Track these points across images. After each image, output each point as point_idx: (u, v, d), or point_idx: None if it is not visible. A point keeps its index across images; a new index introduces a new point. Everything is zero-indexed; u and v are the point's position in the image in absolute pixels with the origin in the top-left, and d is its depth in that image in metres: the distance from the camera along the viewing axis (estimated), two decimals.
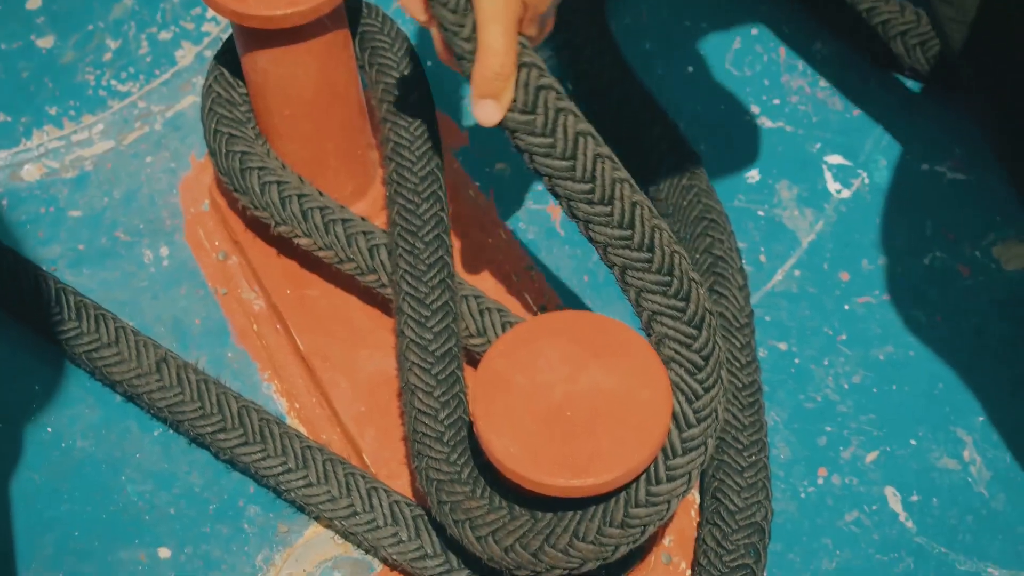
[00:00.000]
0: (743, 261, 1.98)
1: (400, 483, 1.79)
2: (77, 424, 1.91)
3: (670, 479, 1.51)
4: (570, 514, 1.54)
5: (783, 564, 1.81)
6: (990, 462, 1.87)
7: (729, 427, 1.79)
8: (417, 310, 1.74)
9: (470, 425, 1.66)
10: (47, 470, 1.88)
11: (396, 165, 1.83)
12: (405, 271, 1.76)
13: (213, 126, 1.83)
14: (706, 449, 1.51)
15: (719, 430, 1.53)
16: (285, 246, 1.91)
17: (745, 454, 1.77)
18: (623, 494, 1.53)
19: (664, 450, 1.50)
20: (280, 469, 1.77)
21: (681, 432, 1.50)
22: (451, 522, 1.60)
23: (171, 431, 1.89)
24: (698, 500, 1.81)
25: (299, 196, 1.79)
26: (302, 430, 1.89)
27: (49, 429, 1.91)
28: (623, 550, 1.56)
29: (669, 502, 1.53)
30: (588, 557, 1.54)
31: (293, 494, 1.77)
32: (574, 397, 1.49)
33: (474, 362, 1.80)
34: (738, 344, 1.85)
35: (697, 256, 1.93)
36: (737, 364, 1.83)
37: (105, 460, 1.89)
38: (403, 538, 1.72)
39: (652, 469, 1.52)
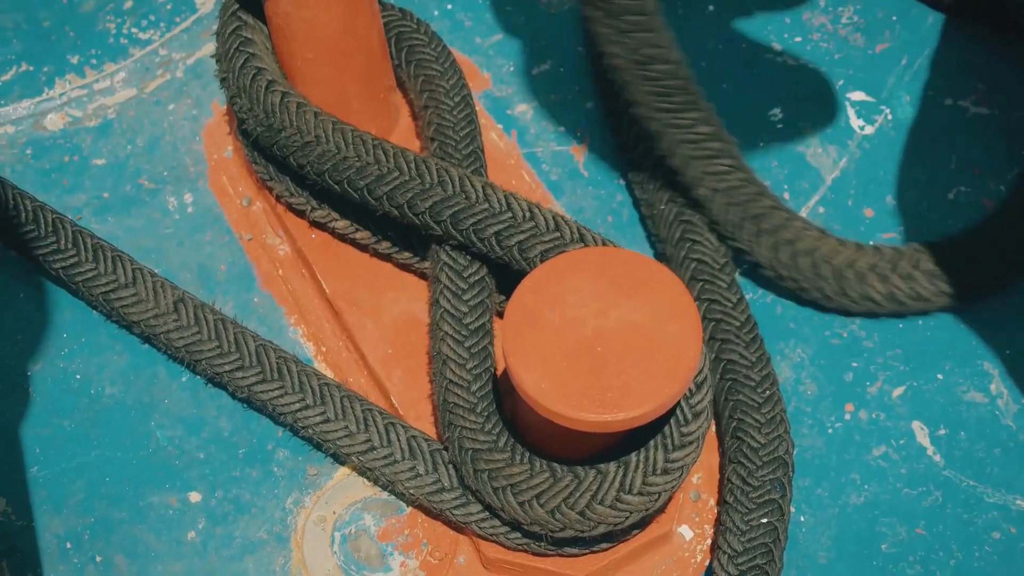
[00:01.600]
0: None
1: (427, 424, 1.79)
2: (105, 371, 1.92)
3: (696, 416, 1.52)
4: (613, 468, 1.54)
5: (811, 499, 1.81)
6: (1017, 395, 1.87)
7: (738, 366, 1.79)
8: (455, 282, 1.74)
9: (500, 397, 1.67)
10: (77, 417, 1.89)
11: (439, 144, 1.84)
12: (446, 246, 1.77)
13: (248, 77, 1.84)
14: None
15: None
16: None
17: (759, 390, 1.77)
18: (659, 438, 1.53)
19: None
20: (298, 406, 1.77)
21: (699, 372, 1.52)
22: (490, 489, 1.61)
23: (200, 377, 1.90)
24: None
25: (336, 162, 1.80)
26: (330, 374, 1.89)
27: (78, 376, 1.92)
28: (666, 496, 1.57)
29: (699, 439, 1.53)
30: (636, 509, 1.55)
31: (311, 431, 1.77)
32: (604, 332, 1.49)
33: None
34: (723, 285, 1.85)
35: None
36: (728, 304, 1.83)
37: (134, 406, 1.90)
38: (420, 472, 1.72)
39: (679, 410, 1.53)
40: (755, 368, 1.78)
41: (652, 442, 1.55)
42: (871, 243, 1.95)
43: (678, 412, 1.55)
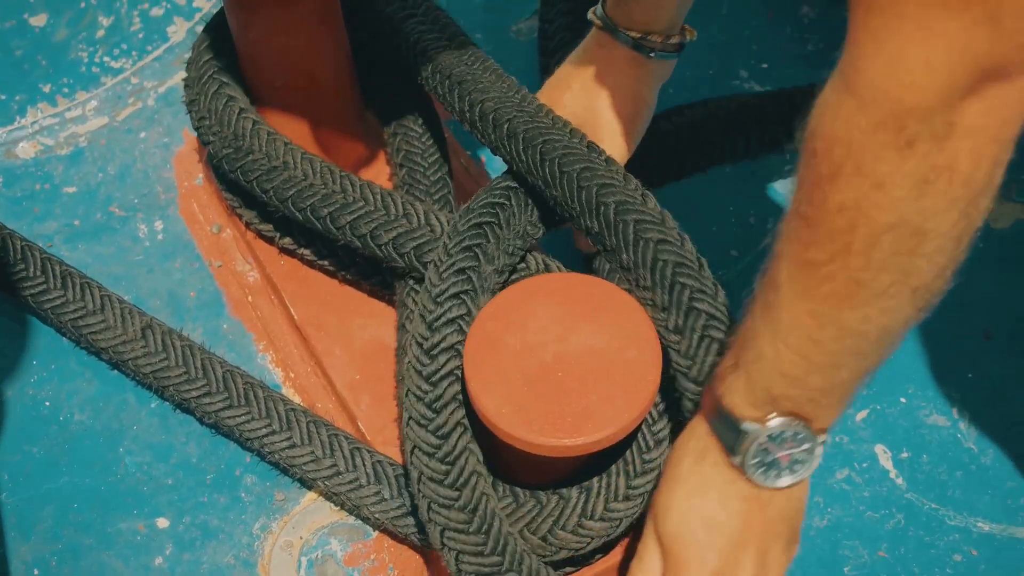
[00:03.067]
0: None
1: (394, 450, 1.80)
2: (75, 398, 1.93)
3: (658, 443, 1.54)
4: (575, 493, 1.55)
5: None
6: (979, 418, 1.88)
7: None
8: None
9: None
10: (45, 443, 1.90)
11: (408, 171, 1.86)
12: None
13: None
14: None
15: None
16: None
17: None
18: (621, 464, 1.54)
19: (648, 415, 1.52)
20: (265, 431, 1.78)
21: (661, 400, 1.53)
22: None
23: (168, 403, 1.91)
24: None
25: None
26: (297, 399, 1.90)
27: (47, 403, 1.93)
28: (628, 522, 1.58)
29: (661, 466, 1.54)
30: (599, 535, 1.56)
31: (277, 456, 1.78)
32: (565, 357, 1.50)
33: None
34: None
35: None
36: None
37: (103, 432, 1.90)
38: (385, 496, 1.73)
39: (640, 437, 1.54)
40: None
41: (614, 468, 1.56)
42: None
43: (640, 439, 1.56)
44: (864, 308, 1.21)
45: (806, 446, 1.34)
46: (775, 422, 1.32)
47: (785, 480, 1.36)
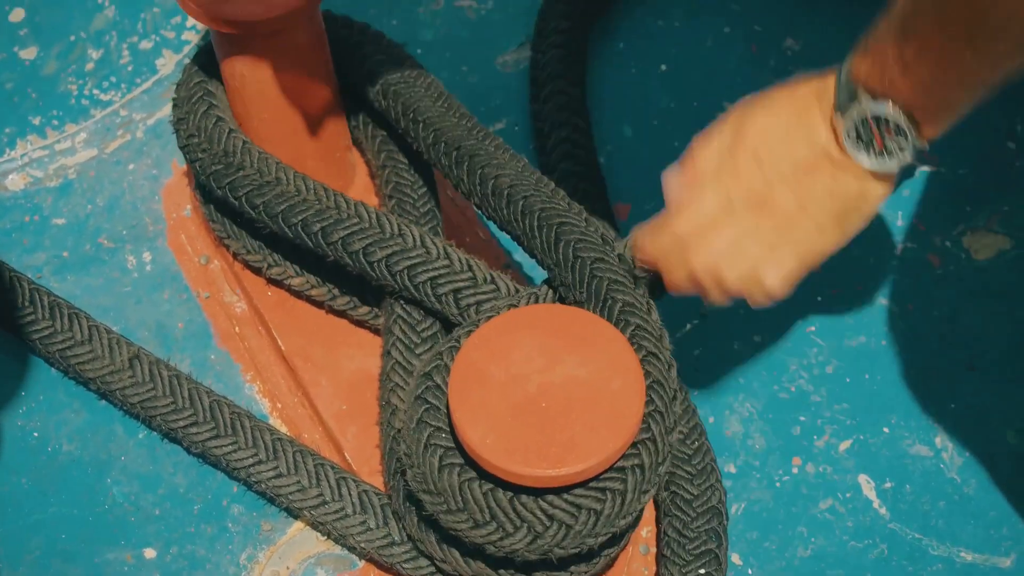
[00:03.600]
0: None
1: (381, 480, 1.81)
2: (63, 429, 1.94)
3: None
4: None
5: (759, 553, 1.83)
6: (962, 448, 1.90)
7: None
8: (408, 335, 1.76)
9: None
10: (34, 474, 1.90)
11: (397, 202, 1.87)
12: (400, 300, 1.79)
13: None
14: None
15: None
16: None
17: (688, 442, 1.79)
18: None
19: None
20: (251, 461, 1.79)
21: None
22: (433, 539, 1.64)
23: (156, 433, 1.92)
24: None
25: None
26: (284, 429, 1.91)
27: (36, 434, 1.93)
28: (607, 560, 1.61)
29: (639, 511, 1.57)
30: (579, 570, 1.62)
31: (264, 485, 1.79)
32: (549, 388, 1.51)
33: None
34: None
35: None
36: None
37: (91, 463, 1.91)
38: (371, 526, 1.74)
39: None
40: (683, 421, 1.80)
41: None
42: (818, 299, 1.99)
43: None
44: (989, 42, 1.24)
45: (903, 141, 1.38)
46: (888, 105, 1.36)
47: (866, 159, 1.41)
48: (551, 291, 1.65)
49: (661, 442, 1.52)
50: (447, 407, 1.54)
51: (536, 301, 1.64)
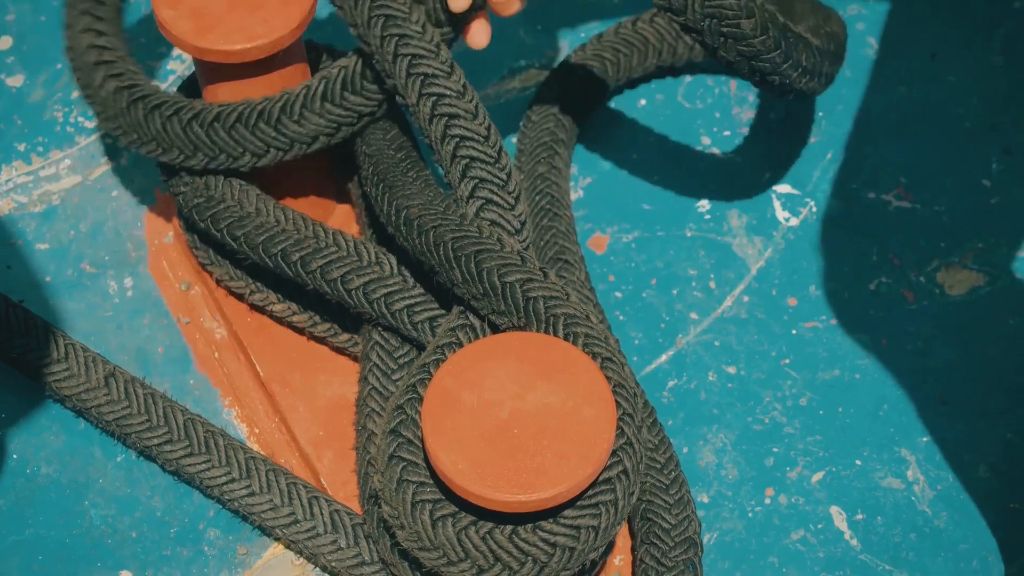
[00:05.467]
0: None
1: (357, 505, 1.82)
2: (42, 451, 1.95)
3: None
4: None
5: None
6: (933, 481, 1.91)
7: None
8: (385, 361, 1.78)
9: None
10: (12, 495, 1.91)
11: (377, 230, 1.89)
12: (378, 326, 1.81)
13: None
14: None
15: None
16: None
17: (665, 471, 1.81)
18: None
19: None
20: (224, 479, 1.81)
21: None
22: (407, 565, 1.65)
23: (134, 456, 1.93)
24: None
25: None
26: (261, 455, 1.93)
27: (15, 456, 1.94)
28: None
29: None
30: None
31: (237, 504, 1.81)
32: (521, 415, 1.53)
33: None
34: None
35: None
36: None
37: (69, 485, 1.92)
38: (342, 545, 1.76)
39: None
40: (659, 451, 1.82)
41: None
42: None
43: None
44: None
45: None
46: None
47: None
48: (480, 319, 1.67)
49: (632, 465, 1.54)
50: (421, 439, 1.56)
51: (473, 333, 1.66)
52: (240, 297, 1.97)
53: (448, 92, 1.71)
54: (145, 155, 1.84)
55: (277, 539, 1.84)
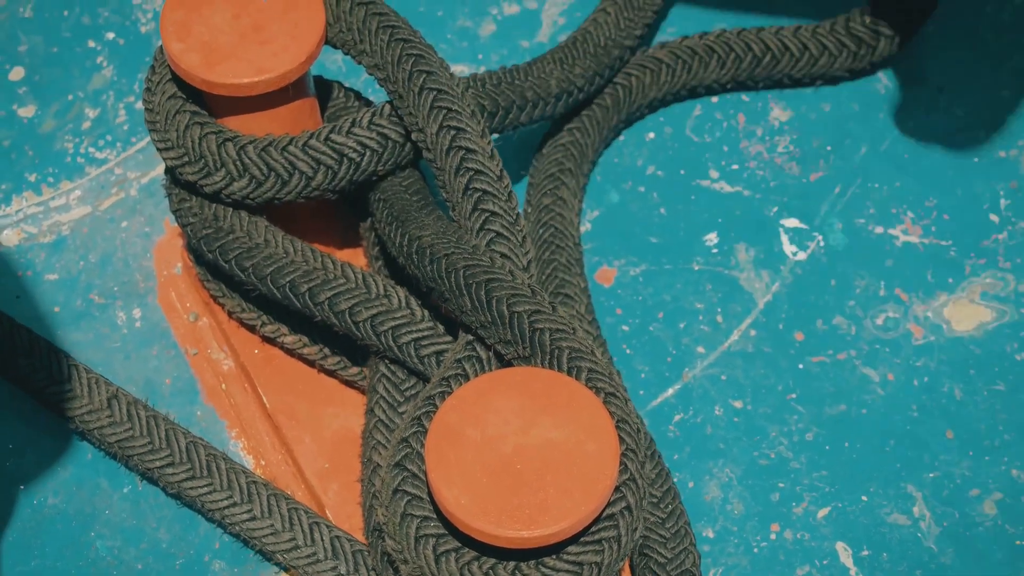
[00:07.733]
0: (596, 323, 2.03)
1: (363, 536, 1.82)
2: (49, 482, 1.95)
3: None
4: None
5: None
6: (939, 518, 1.91)
7: None
8: (392, 393, 1.78)
9: None
10: (19, 526, 1.92)
11: (384, 263, 1.90)
12: (385, 359, 1.81)
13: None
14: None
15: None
16: None
17: (662, 505, 1.81)
18: None
19: None
20: (226, 503, 1.81)
21: None
22: None
23: (140, 487, 1.93)
24: None
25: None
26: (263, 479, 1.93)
27: (21, 486, 1.95)
28: None
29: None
30: None
31: (238, 528, 1.81)
32: (524, 450, 1.53)
33: None
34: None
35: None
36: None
37: (76, 516, 1.93)
38: (342, 572, 1.76)
39: None
40: (656, 484, 1.82)
41: None
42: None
43: None
44: None
45: None
46: None
47: None
48: (486, 350, 1.68)
49: (635, 500, 1.54)
50: (425, 473, 1.56)
51: (479, 365, 1.66)
52: (252, 329, 1.98)
53: (468, 128, 1.73)
54: (187, 176, 1.83)
55: (279, 564, 1.84)
